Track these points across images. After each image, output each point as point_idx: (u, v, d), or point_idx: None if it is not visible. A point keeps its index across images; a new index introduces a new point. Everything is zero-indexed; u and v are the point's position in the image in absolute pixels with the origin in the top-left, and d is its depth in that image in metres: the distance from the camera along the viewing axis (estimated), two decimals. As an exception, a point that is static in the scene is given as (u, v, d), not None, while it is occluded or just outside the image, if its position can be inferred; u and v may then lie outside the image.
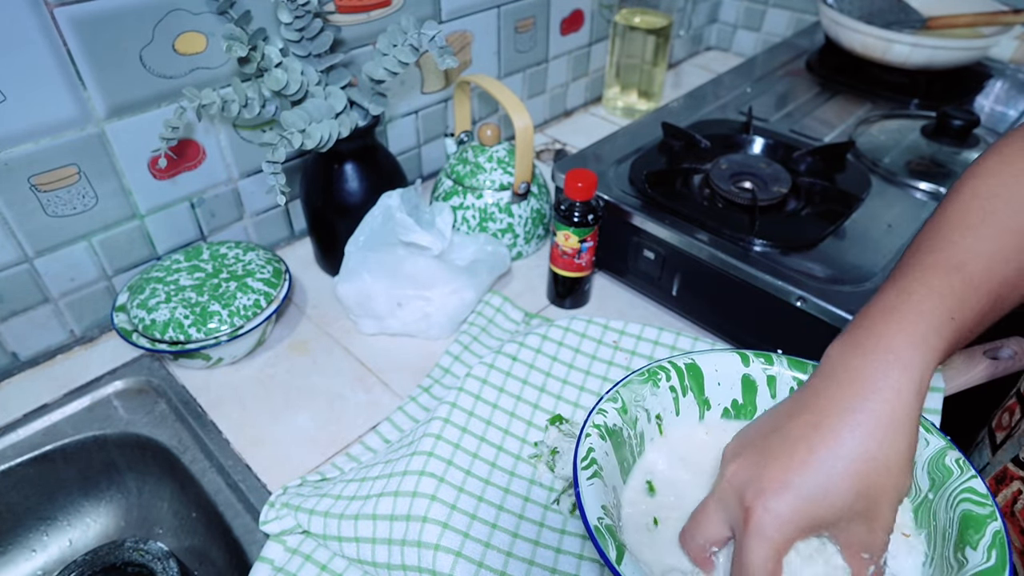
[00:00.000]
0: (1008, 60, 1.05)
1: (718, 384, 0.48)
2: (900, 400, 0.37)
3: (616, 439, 0.43)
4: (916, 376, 0.37)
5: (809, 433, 0.38)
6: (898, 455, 0.37)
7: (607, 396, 0.44)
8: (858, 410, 0.37)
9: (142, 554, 0.56)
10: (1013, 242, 0.41)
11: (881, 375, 0.37)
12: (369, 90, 0.68)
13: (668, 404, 0.47)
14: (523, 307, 0.75)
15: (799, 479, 0.36)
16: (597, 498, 0.38)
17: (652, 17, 1.02)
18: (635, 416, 0.45)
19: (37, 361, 0.69)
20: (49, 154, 0.61)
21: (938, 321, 0.38)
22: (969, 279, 0.40)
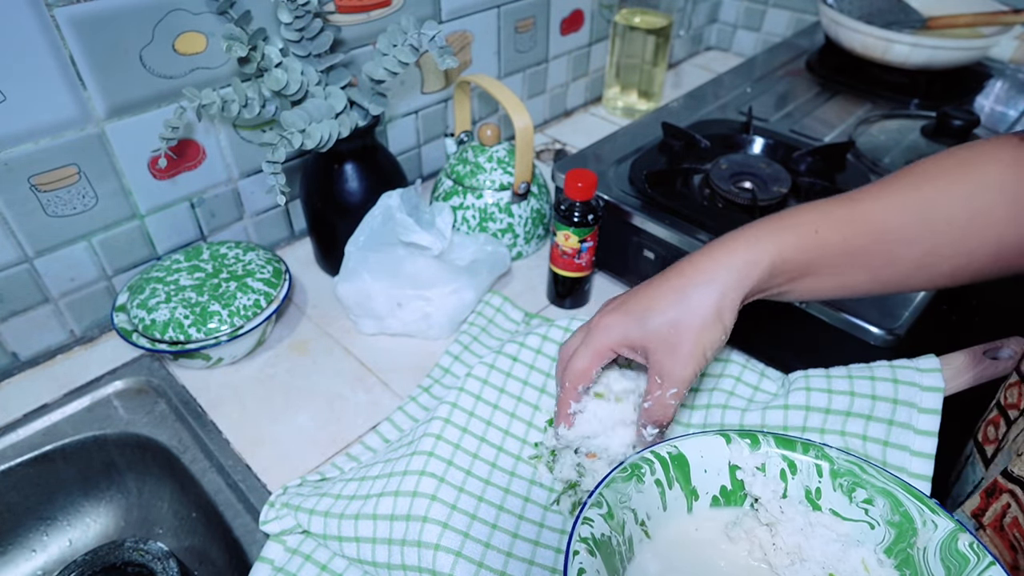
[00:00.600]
0: (1008, 60, 1.05)
1: (705, 471, 0.45)
2: (730, 268, 0.45)
3: (605, 551, 0.39)
4: (754, 254, 0.45)
5: (648, 283, 0.49)
6: (710, 305, 0.45)
7: (591, 501, 0.40)
8: (687, 270, 0.47)
9: (142, 554, 0.56)
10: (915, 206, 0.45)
11: (726, 246, 0.46)
12: (369, 90, 0.68)
13: (655, 500, 0.44)
14: (523, 307, 0.75)
15: (630, 304, 0.48)
16: None
17: (652, 17, 1.02)
18: (622, 520, 0.42)
19: (37, 361, 0.69)
20: (49, 154, 0.61)
21: (801, 224, 0.46)
22: (854, 210, 0.46)
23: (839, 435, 0.53)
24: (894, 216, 0.45)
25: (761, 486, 0.44)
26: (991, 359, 0.53)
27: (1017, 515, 0.40)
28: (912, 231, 0.45)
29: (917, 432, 0.51)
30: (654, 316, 0.46)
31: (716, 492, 0.45)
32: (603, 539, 0.39)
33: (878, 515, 0.41)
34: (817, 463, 0.43)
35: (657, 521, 0.44)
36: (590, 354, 0.49)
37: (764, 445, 0.44)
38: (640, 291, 0.49)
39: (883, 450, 0.51)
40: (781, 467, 0.44)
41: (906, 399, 0.52)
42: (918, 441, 0.50)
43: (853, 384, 0.55)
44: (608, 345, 0.49)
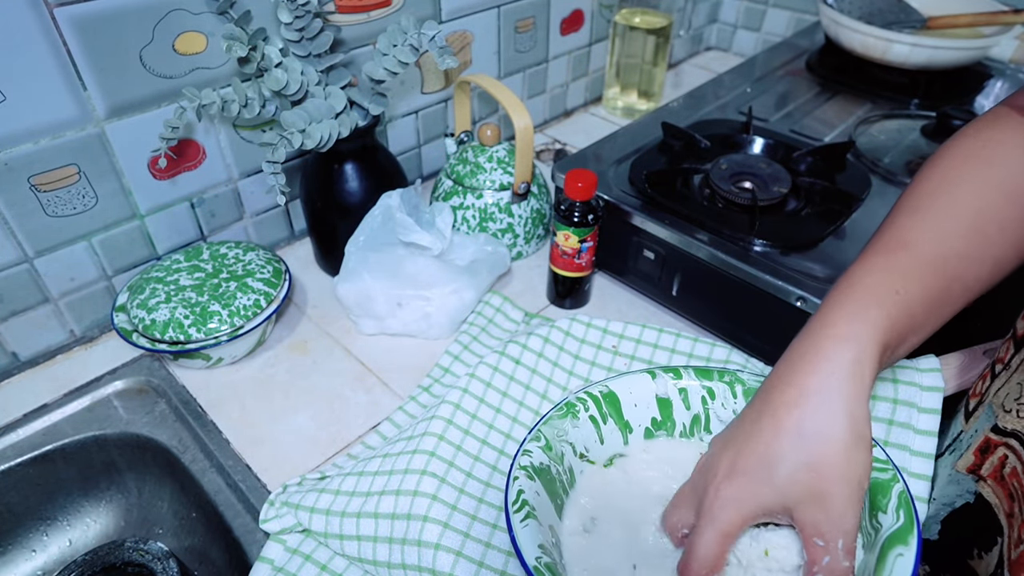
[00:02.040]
0: (1008, 60, 1.05)
1: (635, 406, 0.50)
2: (839, 374, 0.37)
3: (545, 477, 0.44)
4: (856, 347, 0.37)
5: (757, 418, 0.39)
6: (841, 427, 0.36)
7: (530, 436, 0.46)
8: (797, 387, 0.38)
9: (142, 554, 0.56)
10: (966, 219, 0.42)
11: (820, 351, 0.38)
12: (369, 90, 0.68)
13: (591, 434, 0.49)
14: (523, 307, 0.75)
15: (744, 461, 0.38)
16: (533, 538, 0.39)
17: (652, 17, 1.02)
18: (560, 452, 0.46)
19: (37, 361, 0.69)
20: (49, 154, 0.61)
21: (880, 295, 0.39)
22: (916, 255, 0.41)
23: None
24: (957, 241, 0.41)
25: (686, 414, 0.50)
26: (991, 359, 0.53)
27: (1016, 465, 0.41)
28: (975, 249, 0.42)
29: (917, 432, 0.51)
30: (780, 467, 0.37)
31: (648, 424, 0.51)
32: (542, 467, 0.44)
33: None
34: (731, 386, 0.49)
35: (596, 453, 0.49)
36: (719, 537, 0.38)
37: (686, 377, 0.50)
38: (745, 436, 0.39)
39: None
40: (701, 394, 0.50)
41: (906, 399, 0.52)
42: (918, 441, 0.50)
43: None
44: (739, 523, 0.38)
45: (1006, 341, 0.45)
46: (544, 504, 0.43)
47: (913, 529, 0.36)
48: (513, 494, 0.41)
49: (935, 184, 0.44)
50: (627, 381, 0.50)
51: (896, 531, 0.36)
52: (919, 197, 0.44)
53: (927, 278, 0.40)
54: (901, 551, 0.35)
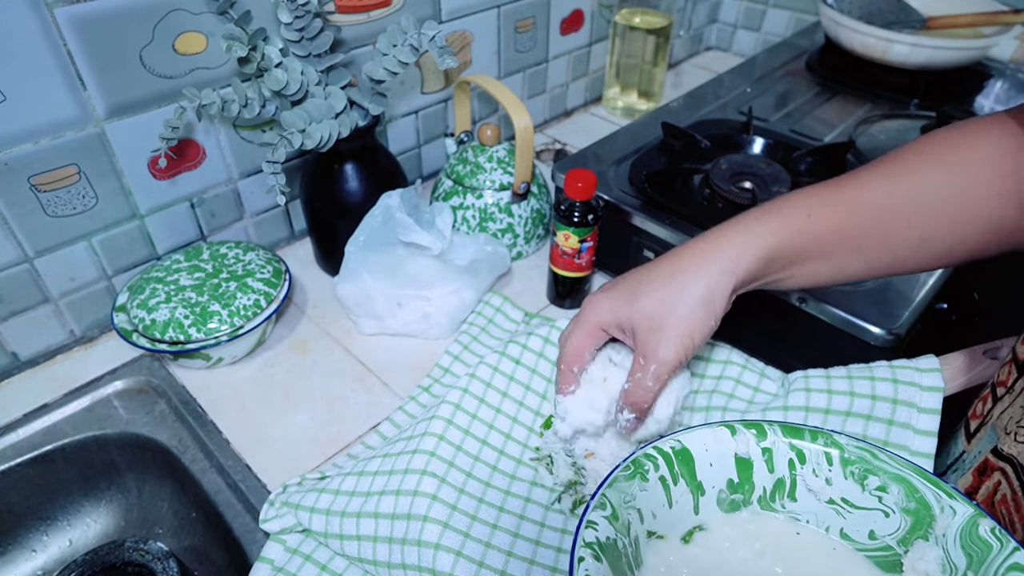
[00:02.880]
0: (1008, 60, 1.05)
1: (710, 465, 0.43)
2: (724, 243, 0.45)
3: (611, 555, 0.37)
4: (746, 237, 0.45)
5: (642, 267, 0.49)
6: (697, 289, 0.45)
7: (594, 503, 0.38)
8: (681, 255, 0.47)
9: (142, 554, 0.56)
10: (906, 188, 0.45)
11: (721, 232, 0.46)
12: (369, 90, 0.68)
13: (660, 497, 0.42)
14: (523, 307, 0.75)
15: (620, 284, 0.49)
16: None
17: (652, 17, 1.02)
18: (627, 521, 0.40)
19: (37, 361, 0.69)
20: (49, 154, 0.61)
21: (791, 208, 0.46)
22: (843, 192, 0.46)
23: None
24: (886, 199, 0.45)
25: (768, 477, 0.43)
26: (991, 359, 0.53)
27: (1007, 493, 0.40)
28: (905, 214, 0.45)
29: (916, 432, 0.51)
30: (643, 297, 0.46)
31: (723, 486, 0.44)
32: (608, 543, 0.37)
33: (892, 502, 0.40)
34: (827, 451, 0.42)
35: (663, 520, 0.42)
36: (581, 333, 0.50)
37: (771, 435, 0.43)
38: (633, 274, 0.49)
39: None
40: (789, 456, 0.43)
41: (906, 399, 0.52)
42: (917, 441, 0.50)
43: (853, 384, 0.54)
44: (597, 323, 0.49)
45: (1006, 363, 0.45)
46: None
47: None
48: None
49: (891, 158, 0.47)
50: (702, 435, 0.43)
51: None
52: (871, 164, 0.48)
53: (844, 213, 0.45)
54: None
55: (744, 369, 0.61)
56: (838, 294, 0.60)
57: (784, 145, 0.79)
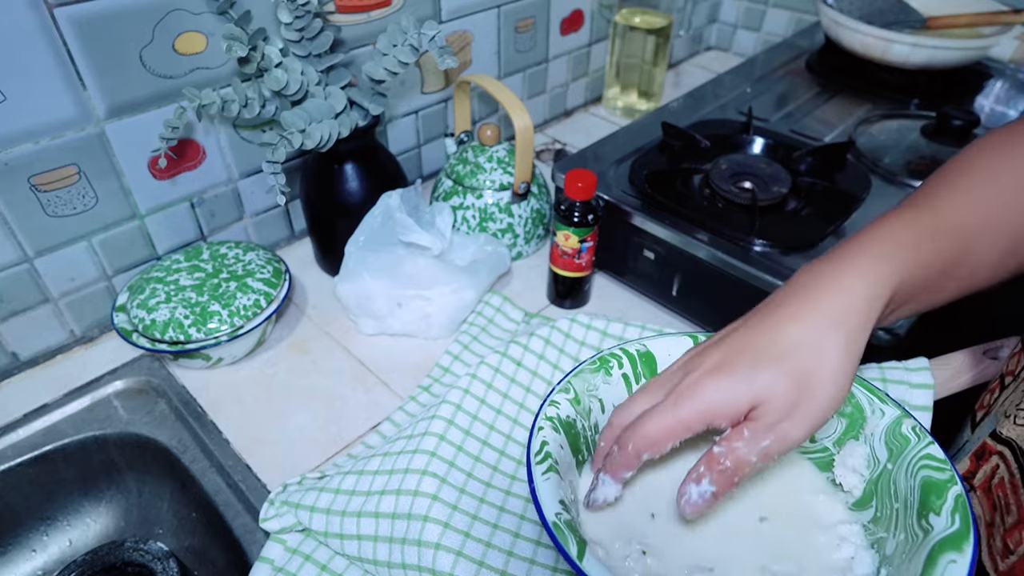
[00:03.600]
0: (1008, 60, 1.05)
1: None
2: (850, 300, 0.36)
3: (570, 431, 0.42)
4: (871, 282, 0.37)
5: (758, 323, 0.38)
6: (838, 350, 0.35)
7: (559, 387, 0.43)
8: (806, 304, 0.37)
9: (142, 554, 0.56)
10: (992, 197, 0.41)
11: (834, 278, 0.37)
12: (369, 90, 0.68)
13: (622, 393, 0.46)
14: (523, 307, 0.75)
15: (734, 358, 0.36)
16: (554, 493, 0.37)
17: (652, 17, 1.02)
18: (588, 406, 0.44)
19: (37, 361, 0.69)
20: (49, 154, 0.61)
21: (901, 242, 0.38)
22: (940, 218, 0.40)
23: None
24: (975, 217, 0.41)
25: None
26: (991, 359, 0.53)
27: (1004, 476, 0.41)
28: (993, 229, 0.41)
29: None
30: (768, 370, 0.36)
31: None
32: (568, 420, 0.42)
33: None
34: None
35: None
36: (675, 422, 0.36)
37: None
38: (740, 338, 0.38)
39: None
40: None
41: (896, 396, 0.52)
42: None
43: None
44: (702, 416, 0.36)
45: (1016, 353, 0.45)
46: (566, 459, 0.41)
47: (969, 536, 0.33)
48: (537, 445, 0.39)
49: (972, 163, 0.43)
50: (666, 342, 0.47)
51: (950, 536, 0.34)
52: (952, 173, 0.43)
53: (945, 242, 0.40)
54: (954, 557, 0.33)
55: None
56: (838, 294, 0.60)
57: (784, 145, 0.79)
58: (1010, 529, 0.40)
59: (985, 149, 0.44)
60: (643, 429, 0.37)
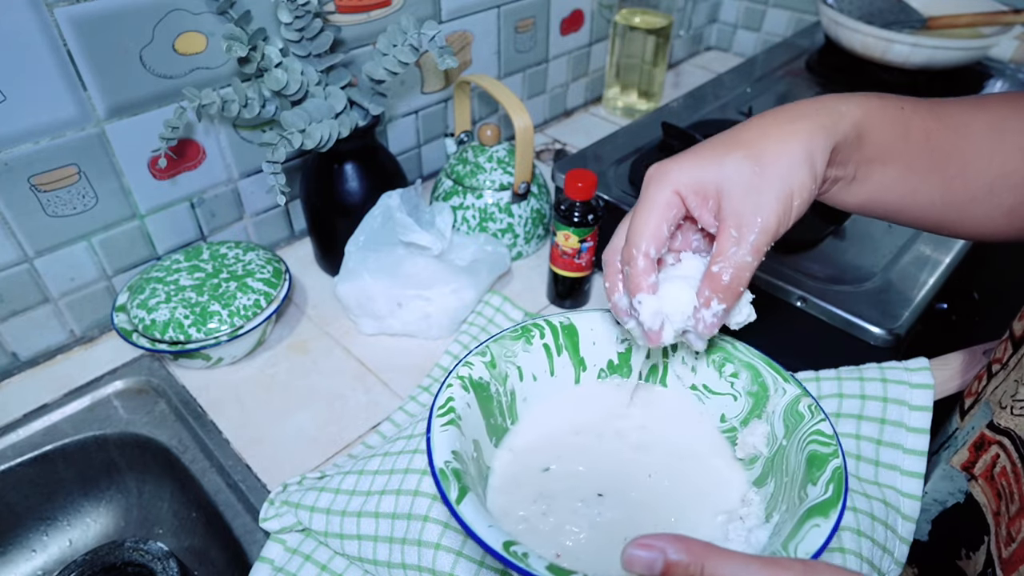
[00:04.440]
0: (1008, 60, 1.05)
1: (593, 344, 0.48)
2: (813, 113, 0.39)
3: (482, 392, 0.43)
4: (836, 109, 0.39)
5: (726, 131, 0.41)
6: (799, 146, 0.37)
7: (476, 350, 0.44)
8: (768, 115, 0.40)
9: (142, 554, 0.56)
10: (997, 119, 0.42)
11: (797, 104, 0.40)
12: (369, 90, 0.68)
13: (542, 363, 0.47)
14: (523, 307, 0.75)
15: (699, 147, 0.39)
16: (449, 443, 0.38)
17: (652, 17, 1.02)
18: (505, 372, 0.45)
19: (37, 361, 0.69)
20: (49, 154, 0.61)
21: (887, 100, 0.41)
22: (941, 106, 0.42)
23: None
24: (976, 124, 0.42)
25: (645, 361, 0.48)
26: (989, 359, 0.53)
27: (1006, 464, 0.41)
28: (989, 143, 0.42)
29: (909, 430, 0.51)
30: (731, 153, 0.38)
31: (603, 365, 0.49)
32: (481, 382, 0.43)
33: (741, 387, 0.45)
34: None
35: (544, 383, 0.47)
36: (655, 204, 0.38)
37: None
38: (707, 140, 0.40)
39: (876, 449, 0.51)
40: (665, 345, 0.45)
41: (896, 397, 0.52)
42: (910, 439, 0.50)
43: (842, 386, 0.55)
44: (674, 188, 0.38)
45: (1003, 342, 0.46)
46: (474, 418, 0.42)
47: (838, 504, 0.34)
48: (442, 399, 0.40)
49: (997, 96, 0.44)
50: (591, 317, 0.48)
51: (820, 503, 0.35)
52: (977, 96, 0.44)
53: (933, 119, 0.42)
54: (819, 522, 0.34)
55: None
56: (838, 294, 0.60)
57: (784, 145, 0.79)
58: (1013, 517, 0.40)
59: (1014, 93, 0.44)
60: (637, 227, 0.39)
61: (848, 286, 0.61)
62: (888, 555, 0.47)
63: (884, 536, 0.47)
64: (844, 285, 0.61)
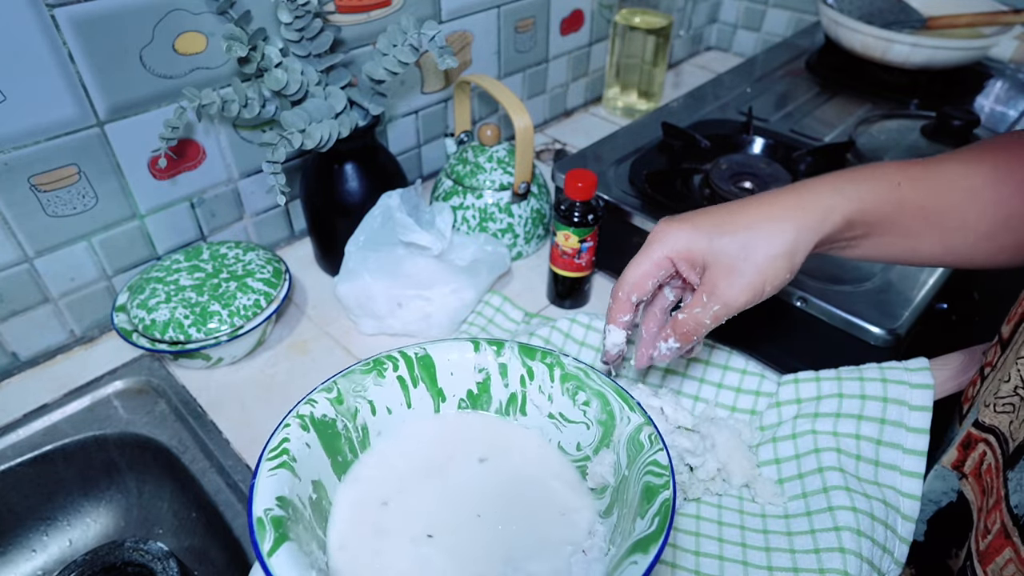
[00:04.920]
0: (1008, 60, 1.05)
1: (451, 374, 0.48)
2: (809, 198, 0.44)
3: (325, 430, 0.42)
4: (831, 195, 0.44)
5: (722, 206, 0.46)
6: (784, 241, 0.43)
7: (321, 386, 0.43)
8: (769, 198, 0.45)
9: (142, 554, 0.55)
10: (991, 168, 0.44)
11: (795, 191, 0.45)
12: (369, 90, 0.68)
13: (397, 395, 0.46)
14: (523, 307, 0.75)
15: (697, 218, 0.46)
16: (274, 489, 0.37)
17: (652, 17, 1.02)
18: (355, 407, 0.44)
19: (37, 361, 0.69)
20: (49, 154, 0.61)
21: (883, 175, 0.45)
22: (933, 171, 0.45)
23: (831, 435, 0.53)
24: (974, 178, 0.44)
25: (504, 391, 0.48)
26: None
27: (991, 462, 0.42)
28: (988, 196, 0.44)
29: (909, 430, 0.51)
30: (726, 236, 0.44)
31: (463, 395, 0.48)
32: (325, 419, 0.42)
33: (592, 415, 0.45)
34: (550, 369, 0.47)
35: (400, 416, 0.47)
36: (647, 261, 0.47)
37: (508, 352, 0.47)
38: (714, 211, 0.46)
39: (876, 449, 0.51)
40: (521, 373, 0.47)
41: (896, 397, 0.52)
42: (910, 439, 0.50)
43: (841, 386, 0.55)
44: (667, 254, 0.46)
45: (992, 346, 0.46)
46: (315, 458, 0.41)
47: (659, 539, 0.34)
48: (275, 442, 0.39)
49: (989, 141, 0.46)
50: (446, 347, 0.47)
51: (643, 538, 0.35)
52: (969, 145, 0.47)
53: (927, 190, 0.44)
54: (636, 559, 0.34)
55: (744, 375, 0.61)
56: (838, 294, 0.60)
57: (784, 145, 0.79)
58: (990, 511, 0.40)
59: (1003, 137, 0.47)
60: (628, 276, 0.48)
61: (848, 286, 0.61)
62: (888, 555, 0.47)
63: (884, 536, 0.47)
64: (844, 285, 0.61)
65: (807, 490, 0.51)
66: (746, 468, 0.53)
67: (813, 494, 0.50)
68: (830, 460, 0.51)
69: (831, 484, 0.50)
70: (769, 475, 0.53)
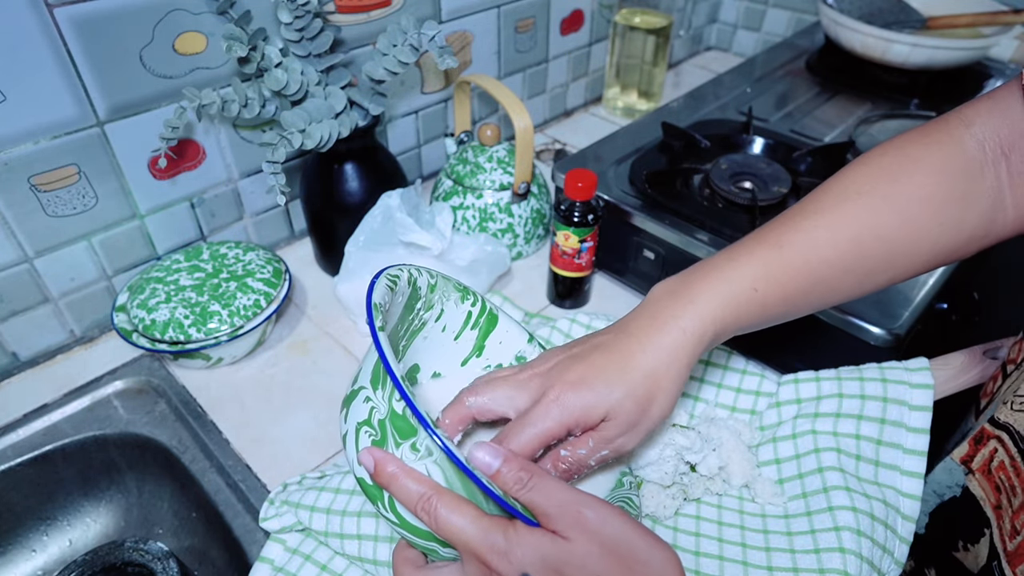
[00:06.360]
0: (1008, 60, 1.05)
1: (499, 343, 0.52)
2: (686, 339, 0.43)
3: (412, 298, 0.46)
4: (701, 325, 0.43)
5: (610, 346, 0.44)
6: (671, 381, 0.43)
7: (427, 270, 0.47)
8: (651, 339, 0.43)
9: (142, 554, 0.56)
10: (848, 232, 0.44)
11: (677, 316, 0.44)
12: (369, 90, 0.68)
13: (458, 323, 0.50)
14: (523, 307, 0.75)
15: (594, 378, 0.43)
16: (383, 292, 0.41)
17: (652, 17, 1.02)
18: (431, 302, 0.48)
19: (37, 361, 0.69)
20: (49, 154, 0.61)
21: (740, 288, 0.44)
22: (786, 257, 0.44)
23: (831, 435, 0.53)
24: (829, 251, 0.44)
25: None
26: (991, 359, 0.53)
27: (1004, 459, 0.42)
28: (848, 261, 0.44)
29: (909, 430, 0.51)
30: (618, 392, 0.42)
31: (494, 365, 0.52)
32: (417, 290, 0.46)
33: None
34: None
35: (444, 341, 0.50)
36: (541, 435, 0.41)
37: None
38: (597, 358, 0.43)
39: (876, 449, 0.51)
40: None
41: (896, 397, 0.52)
42: (910, 439, 0.50)
43: (841, 386, 0.55)
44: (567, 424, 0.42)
45: (1017, 342, 0.46)
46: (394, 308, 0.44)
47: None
48: (393, 271, 0.44)
49: (834, 195, 0.46)
50: (510, 324, 0.52)
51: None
52: (815, 202, 0.46)
53: (789, 279, 0.44)
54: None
55: (744, 375, 0.61)
56: (838, 294, 0.60)
57: (784, 145, 0.80)
58: (1017, 511, 0.40)
59: (865, 168, 0.46)
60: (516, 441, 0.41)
61: (848, 286, 0.61)
62: (888, 555, 0.47)
63: (884, 536, 0.47)
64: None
65: (807, 490, 0.51)
66: (746, 468, 0.53)
67: (813, 494, 0.50)
68: (830, 460, 0.51)
69: (831, 484, 0.50)
70: (769, 475, 0.53)
